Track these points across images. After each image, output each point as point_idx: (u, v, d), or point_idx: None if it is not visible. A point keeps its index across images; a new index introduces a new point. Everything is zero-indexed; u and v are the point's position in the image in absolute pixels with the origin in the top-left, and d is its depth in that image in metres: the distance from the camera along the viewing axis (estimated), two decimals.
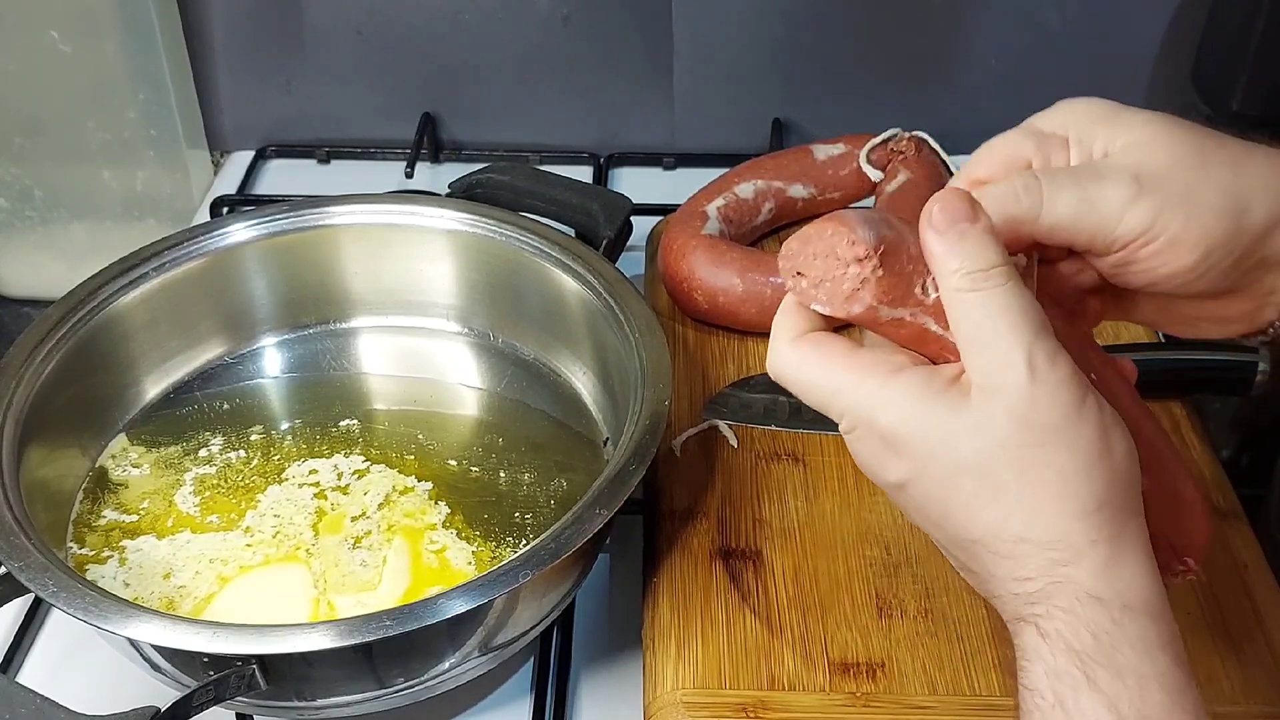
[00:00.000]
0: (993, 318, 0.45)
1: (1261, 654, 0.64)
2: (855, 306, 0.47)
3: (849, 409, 0.48)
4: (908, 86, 1.06)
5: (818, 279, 0.48)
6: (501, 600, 0.58)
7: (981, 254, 0.45)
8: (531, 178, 0.86)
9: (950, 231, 0.46)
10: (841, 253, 0.47)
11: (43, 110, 1.00)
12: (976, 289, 0.45)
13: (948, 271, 0.46)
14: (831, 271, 0.47)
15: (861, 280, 0.46)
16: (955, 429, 0.45)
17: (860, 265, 0.46)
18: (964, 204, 0.46)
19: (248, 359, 0.82)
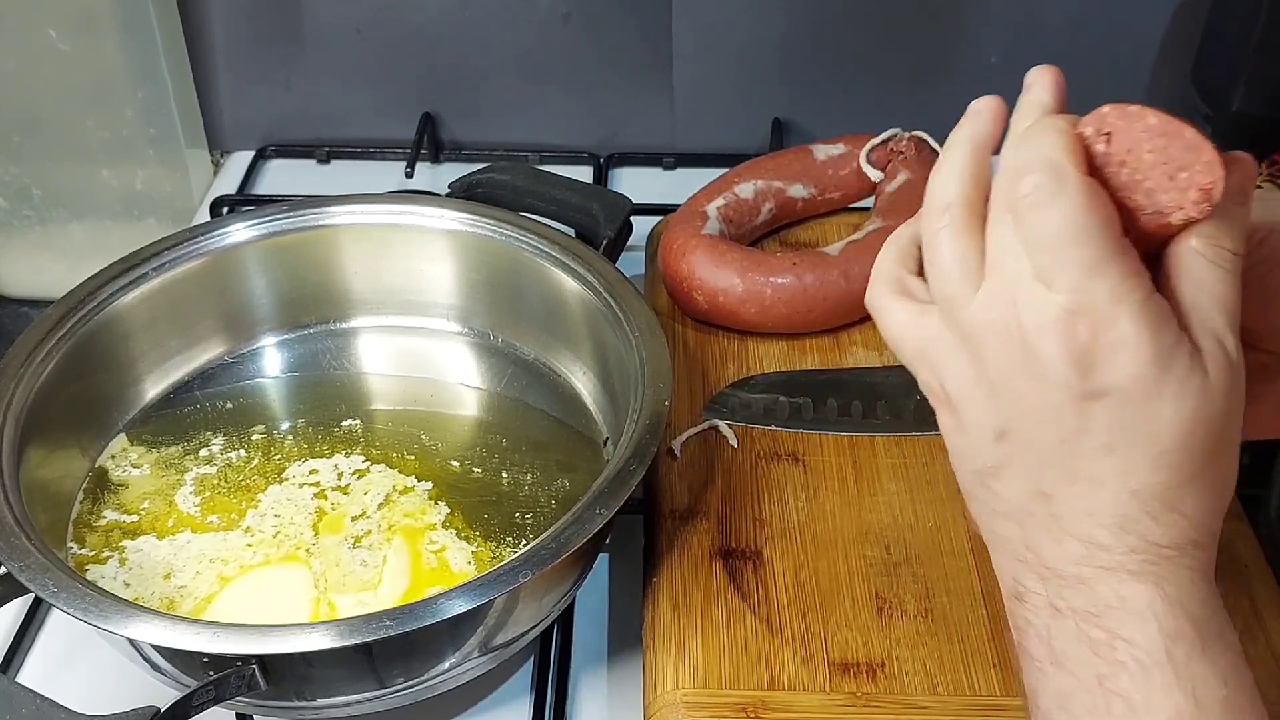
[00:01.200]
0: (1214, 296, 0.44)
1: (1262, 654, 0.64)
2: (1155, 231, 0.44)
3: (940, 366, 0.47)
4: (908, 86, 1.06)
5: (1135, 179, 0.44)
6: (501, 600, 0.58)
7: (1237, 235, 0.44)
8: (531, 178, 0.86)
9: (1229, 201, 0.44)
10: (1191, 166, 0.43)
11: (41, 109, 1.00)
12: (1217, 264, 0.44)
13: (1202, 234, 0.44)
14: (1156, 180, 0.44)
15: (1183, 208, 0.43)
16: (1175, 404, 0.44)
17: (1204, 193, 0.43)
18: (1248, 176, 0.45)
19: (248, 359, 0.82)
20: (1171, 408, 0.43)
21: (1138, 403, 0.44)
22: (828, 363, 0.83)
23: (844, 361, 0.83)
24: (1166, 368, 0.43)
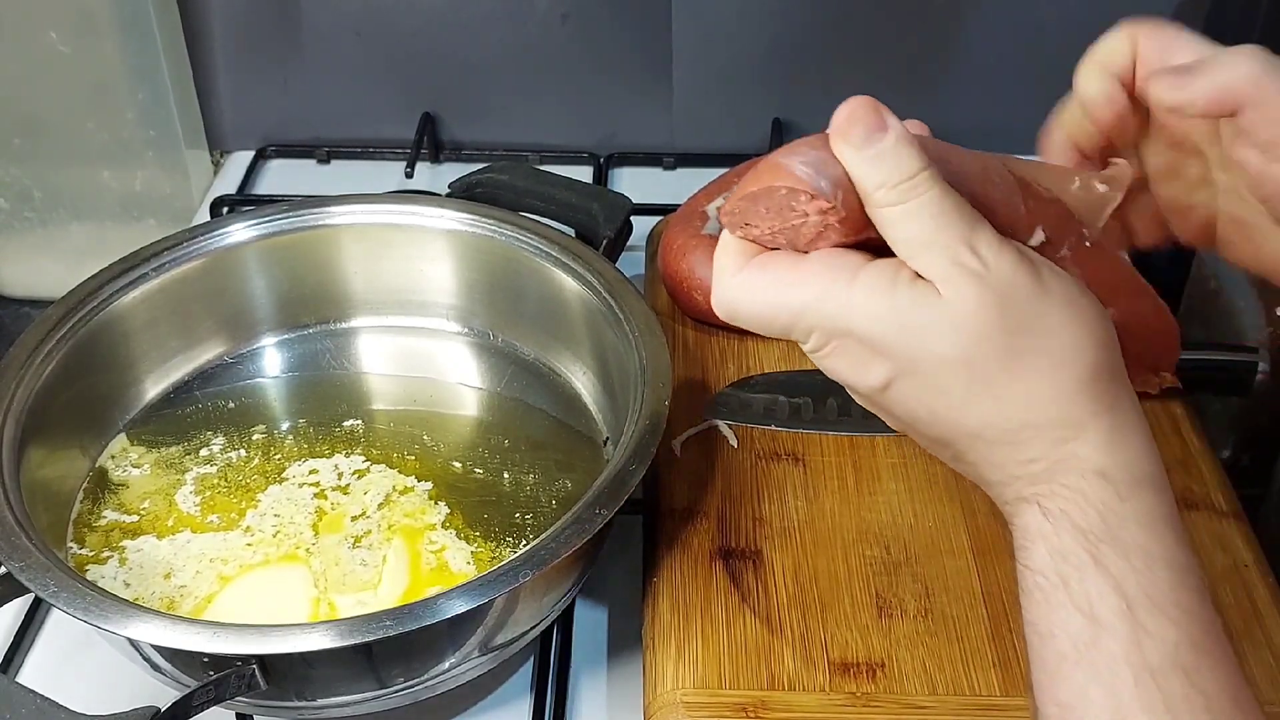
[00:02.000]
0: (928, 224, 0.44)
1: (1262, 654, 0.64)
2: (821, 244, 0.46)
3: (818, 324, 0.46)
4: (908, 86, 1.06)
5: (772, 229, 0.46)
6: (501, 600, 0.58)
7: (902, 165, 0.44)
8: (531, 178, 0.86)
9: (866, 148, 0.44)
10: (800, 205, 0.45)
11: (42, 111, 1.00)
12: (904, 201, 0.44)
13: (869, 189, 0.44)
14: (789, 221, 0.46)
15: (824, 225, 0.45)
16: (932, 326, 0.44)
17: (824, 215, 0.45)
18: (873, 113, 0.45)
19: (248, 359, 0.82)
20: (935, 344, 0.44)
21: (908, 365, 0.45)
22: None
23: None
24: (905, 327, 0.44)
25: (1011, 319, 0.44)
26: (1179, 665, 0.41)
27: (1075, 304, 0.45)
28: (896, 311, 0.45)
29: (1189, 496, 0.73)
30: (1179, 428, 0.77)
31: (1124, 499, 0.43)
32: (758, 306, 0.47)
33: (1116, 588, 0.42)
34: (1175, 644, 0.41)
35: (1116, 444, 0.44)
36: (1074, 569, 0.43)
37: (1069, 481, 0.44)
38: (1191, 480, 0.74)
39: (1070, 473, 0.44)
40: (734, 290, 0.47)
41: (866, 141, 0.44)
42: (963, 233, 0.44)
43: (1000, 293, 0.44)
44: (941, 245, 0.44)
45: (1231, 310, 0.86)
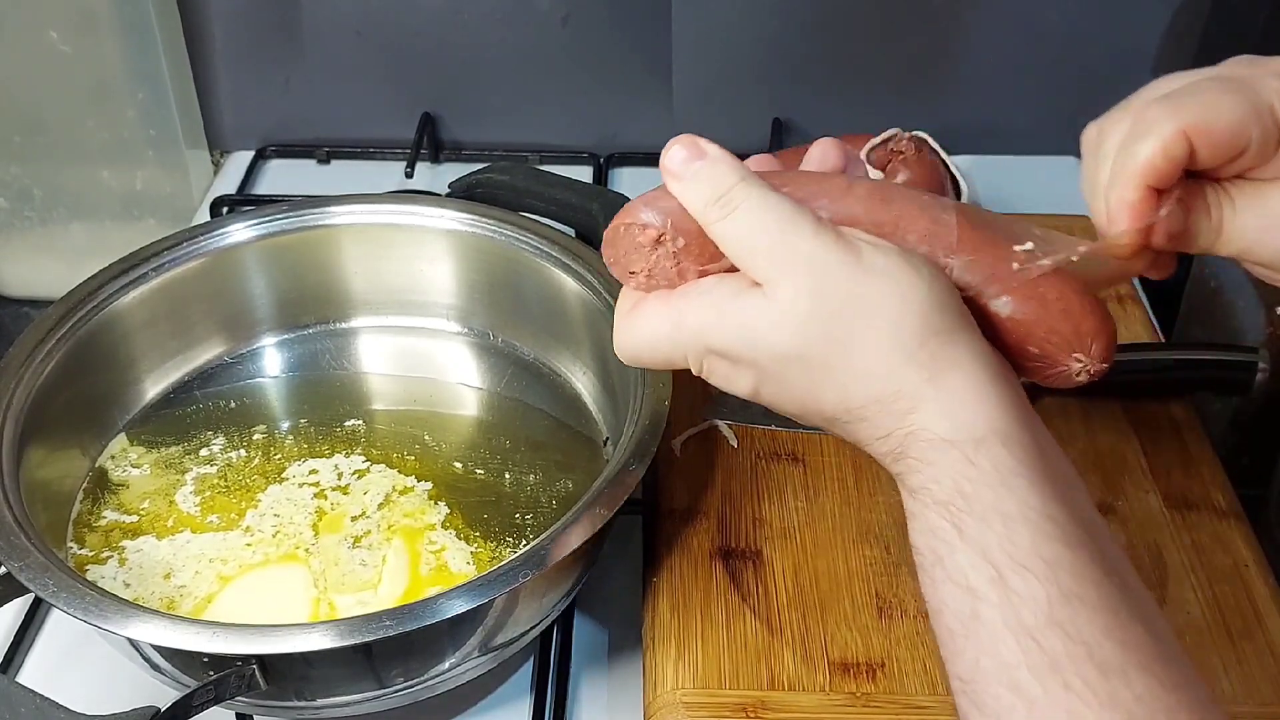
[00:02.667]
0: (750, 229, 0.47)
1: (1261, 654, 0.64)
2: (690, 277, 0.49)
3: (688, 347, 0.49)
4: (908, 86, 1.06)
5: (645, 271, 0.50)
6: (501, 600, 0.58)
7: (717, 180, 0.48)
8: (531, 178, 0.86)
9: (685, 174, 0.48)
10: (642, 240, 0.50)
11: (42, 110, 1.00)
12: (726, 214, 0.47)
13: (698, 210, 0.48)
14: (650, 260, 0.50)
15: (675, 254, 0.49)
16: (764, 327, 0.47)
17: (662, 244, 0.49)
18: (689, 147, 0.48)
19: (248, 359, 0.82)
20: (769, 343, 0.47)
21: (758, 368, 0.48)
22: None
23: None
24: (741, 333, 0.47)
25: (829, 303, 0.46)
26: (1054, 621, 0.41)
27: (894, 275, 0.46)
28: (735, 321, 0.47)
29: (1189, 496, 0.73)
30: (1179, 428, 0.77)
31: (972, 461, 0.44)
32: (640, 343, 0.51)
33: (983, 555, 0.42)
34: (1046, 600, 0.41)
35: (955, 407, 0.45)
36: (944, 543, 0.43)
37: (920, 454, 0.45)
38: (1191, 480, 0.74)
39: (919, 443, 0.45)
40: (622, 334, 0.51)
41: (685, 168, 0.48)
42: (782, 226, 0.46)
43: (815, 280, 0.46)
44: (763, 247, 0.47)
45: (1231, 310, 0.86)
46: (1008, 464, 0.44)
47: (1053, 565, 0.42)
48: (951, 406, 0.45)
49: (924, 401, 0.45)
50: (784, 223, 0.47)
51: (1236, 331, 0.86)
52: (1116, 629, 0.41)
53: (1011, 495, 0.43)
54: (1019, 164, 1.07)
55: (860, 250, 0.46)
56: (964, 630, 0.43)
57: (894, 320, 0.45)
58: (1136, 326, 0.85)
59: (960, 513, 0.43)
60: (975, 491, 0.43)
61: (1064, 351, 0.48)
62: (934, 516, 0.44)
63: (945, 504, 0.44)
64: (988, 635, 0.42)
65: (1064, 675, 0.40)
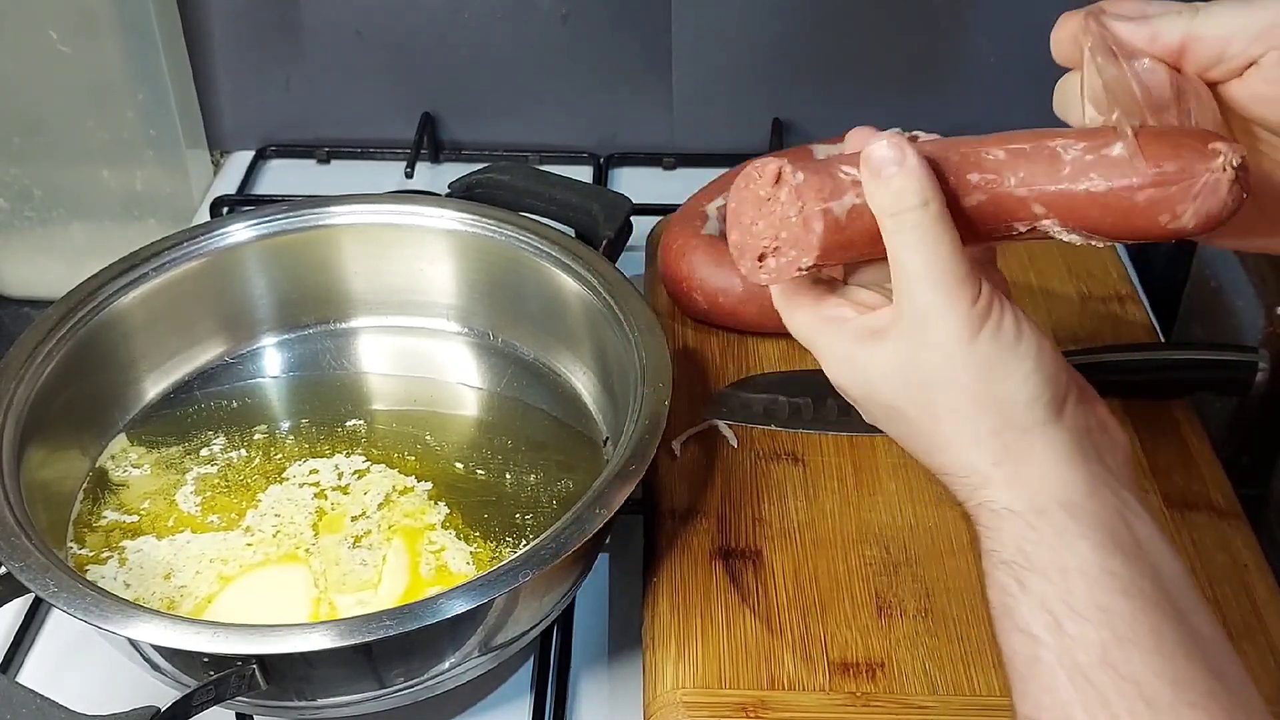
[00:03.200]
0: (902, 259, 0.48)
1: (1262, 654, 0.64)
2: (816, 226, 0.49)
3: (821, 358, 0.53)
4: (908, 86, 1.06)
5: (773, 243, 0.50)
6: (501, 600, 0.58)
7: (903, 197, 0.48)
8: (531, 178, 0.86)
9: (881, 175, 0.48)
10: (761, 184, 0.50)
11: (42, 110, 1.00)
12: (897, 230, 0.48)
13: (878, 212, 0.49)
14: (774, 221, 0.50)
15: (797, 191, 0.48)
16: (873, 375, 0.51)
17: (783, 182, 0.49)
18: (895, 149, 0.48)
19: (248, 359, 0.82)
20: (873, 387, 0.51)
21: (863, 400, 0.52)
22: None
23: None
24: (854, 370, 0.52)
25: (921, 372, 0.49)
26: (1106, 662, 0.44)
27: (993, 368, 0.48)
28: (850, 362, 0.51)
29: (1189, 496, 0.73)
30: (1179, 428, 0.77)
31: (1033, 526, 0.47)
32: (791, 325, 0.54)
33: (1043, 605, 0.46)
34: (1100, 644, 0.44)
35: (1019, 485, 0.48)
36: (1010, 597, 0.47)
37: (987, 521, 0.49)
38: (1191, 480, 0.74)
39: (986, 512, 0.49)
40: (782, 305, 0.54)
41: (883, 168, 0.48)
42: (926, 275, 0.48)
43: (919, 342, 0.49)
44: (902, 283, 0.49)
45: (1231, 310, 0.86)
46: (1070, 528, 0.47)
47: (1108, 613, 0.45)
48: (1015, 484, 0.48)
49: (989, 480, 0.49)
50: (930, 270, 0.48)
51: (1236, 331, 0.86)
52: (1170, 669, 0.44)
53: (1071, 554, 0.46)
54: None
55: (982, 327, 0.48)
56: (1028, 673, 0.46)
57: (973, 409, 0.48)
58: (1136, 326, 0.85)
59: (1022, 570, 0.47)
60: (1035, 551, 0.47)
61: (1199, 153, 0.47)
62: (1001, 575, 0.47)
63: (1010, 563, 0.47)
64: (1046, 675, 0.45)
65: (1113, 710, 0.43)
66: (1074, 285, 0.88)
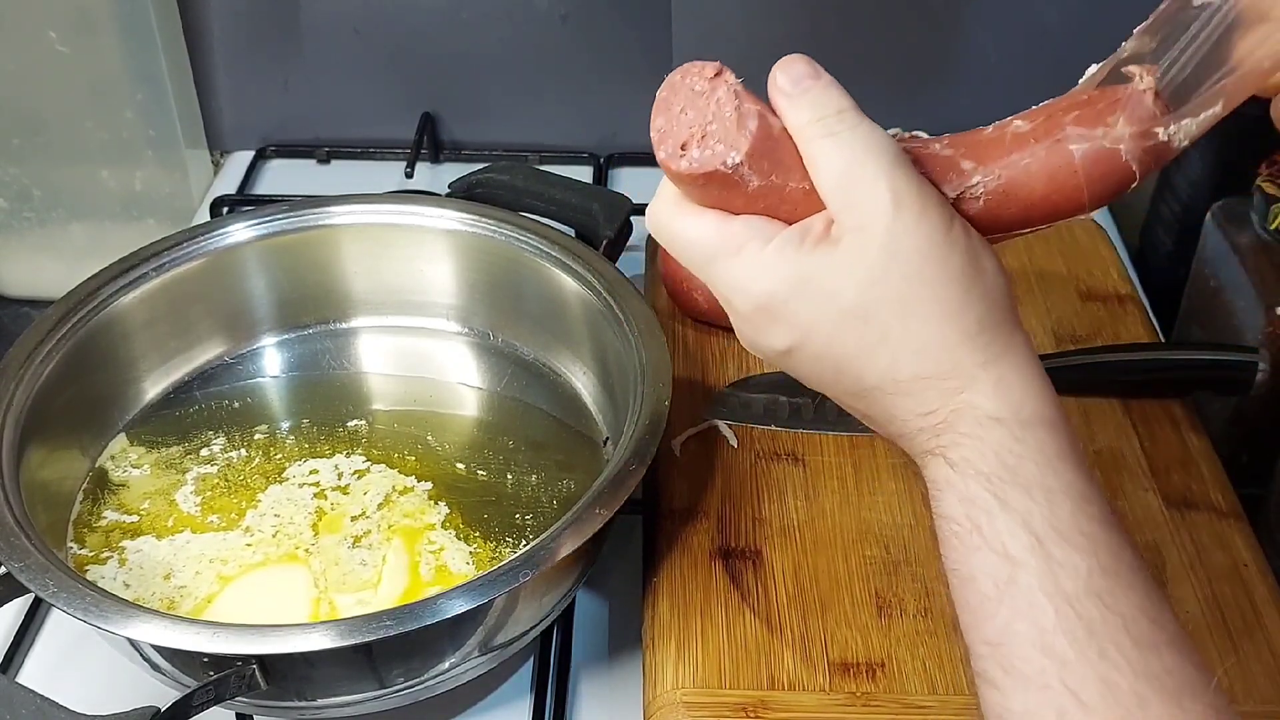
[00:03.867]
0: (849, 158, 0.46)
1: (1262, 654, 0.64)
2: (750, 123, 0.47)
3: (723, 280, 0.49)
4: (908, 85, 1.06)
5: (700, 130, 0.47)
6: (501, 600, 0.58)
7: (829, 100, 0.47)
8: (531, 178, 0.86)
9: (795, 91, 0.47)
10: (699, 82, 0.48)
11: (41, 110, 1.00)
12: (830, 133, 0.46)
13: (800, 125, 0.47)
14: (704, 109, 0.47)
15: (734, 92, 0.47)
16: (831, 279, 0.46)
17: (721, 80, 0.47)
18: (805, 64, 0.47)
19: (248, 359, 0.82)
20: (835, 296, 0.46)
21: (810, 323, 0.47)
22: None
23: None
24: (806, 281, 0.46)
25: (904, 264, 0.45)
26: (1092, 591, 0.42)
27: (976, 255, 0.46)
28: (800, 278, 0.46)
29: (1189, 496, 0.73)
30: (1179, 428, 0.77)
31: (1018, 439, 0.45)
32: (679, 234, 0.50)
33: (1024, 524, 0.43)
34: (1086, 571, 0.42)
35: (1004, 390, 0.46)
36: (983, 512, 0.44)
37: (966, 429, 0.45)
38: (1191, 480, 0.74)
39: (966, 420, 0.46)
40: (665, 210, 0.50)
41: (796, 85, 0.47)
42: (885, 167, 0.45)
43: (896, 234, 0.45)
44: (863, 175, 0.45)
45: (1231, 310, 0.86)
46: (1052, 445, 0.45)
47: (1094, 540, 0.43)
48: (1002, 389, 0.46)
49: (977, 382, 0.46)
50: (883, 161, 0.45)
51: (1236, 331, 0.86)
52: (1150, 608, 0.42)
53: (1055, 474, 0.44)
54: None
55: (953, 222, 0.46)
56: (998, 595, 0.43)
57: (962, 300, 0.46)
58: (1136, 326, 0.85)
59: (1003, 483, 0.44)
60: (1020, 465, 0.44)
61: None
62: (975, 486, 0.44)
63: (988, 475, 0.44)
64: (1024, 600, 0.43)
65: (1099, 642, 0.41)
66: (1074, 285, 0.88)
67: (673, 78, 0.49)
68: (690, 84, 0.48)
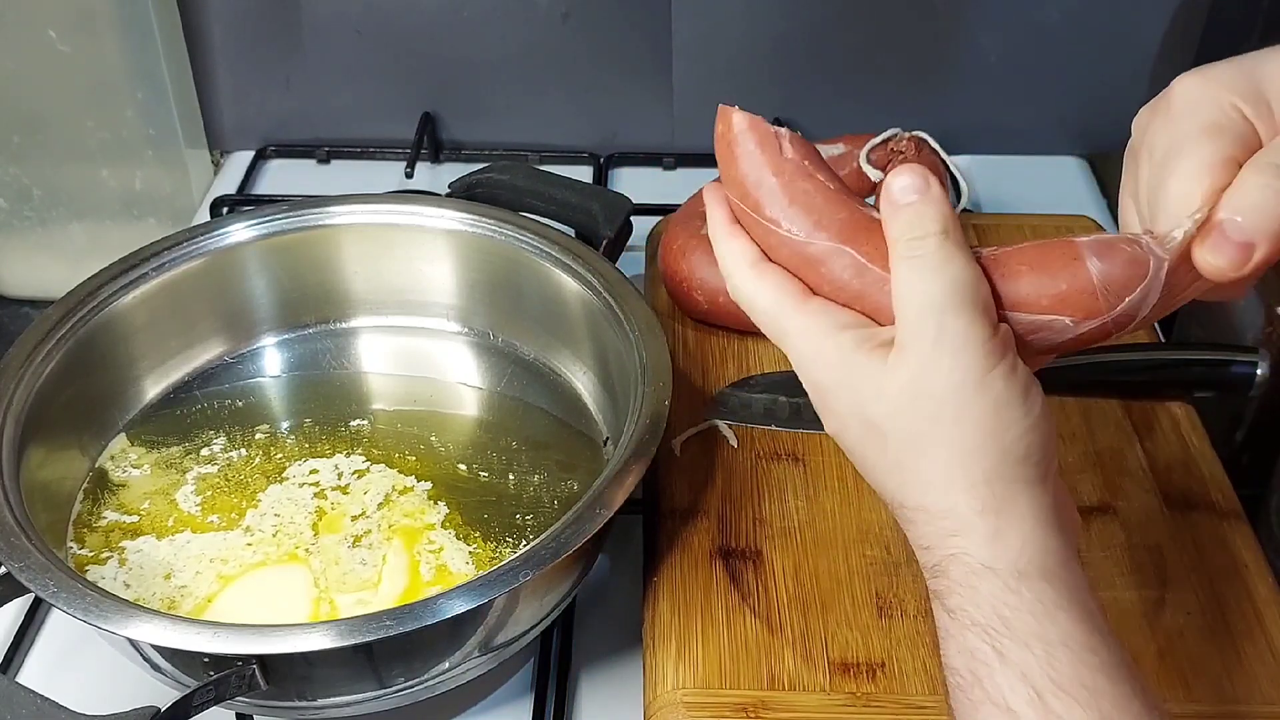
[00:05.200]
0: (916, 283, 0.46)
1: (1262, 654, 0.64)
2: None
3: (793, 353, 0.50)
4: (908, 86, 1.06)
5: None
6: (501, 600, 0.58)
7: (920, 222, 0.46)
8: (531, 178, 0.86)
9: (900, 203, 0.47)
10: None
11: (41, 109, 1.00)
12: (913, 255, 0.46)
13: (892, 239, 0.47)
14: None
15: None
16: (867, 391, 0.47)
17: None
18: (916, 178, 0.47)
19: (248, 359, 0.82)
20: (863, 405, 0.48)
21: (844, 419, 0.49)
22: None
23: None
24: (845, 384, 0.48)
25: (929, 405, 0.46)
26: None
27: (1002, 405, 0.46)
28: (847, 377, 0.48)
29: (1189, 496, 0.73)
30: (1179, 428, 0.77)
31: (1013, 591, 0.44)
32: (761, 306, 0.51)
33: (1023, 678, 0.43)
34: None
35: (1000, 541, 0.45)
36: (983, 664, 0.44)
37: (959, 577, 0.46)
38: (1191, 480, 0.74)
39: (959, 568, 0.46)
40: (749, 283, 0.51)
41: (903, 196, 0.47)
42: (940, 301, 0.45)
43: (928, 372, 0.46)
44: (917, 303, 0.46)
45: (1231, 310, 0.86)
46: (1050, 597, 0.44)
47: (1095, 693, 0.43)
48: (998, 540, 0.45)
49: (970, 529, 0.46)
50: (949, 294, 0.45)
51: (1236, 331, 0.86)
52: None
53: (1053, 625, 0.44)
54: (1019, 164, 1.07)
55: (997, 363, 0.45)
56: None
57: (976, 449, 0.46)
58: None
59: (1000, 636, 0.44)
60: (1015, 617, 0.44)
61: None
62: (972, 638, 0.44)
63: (984, 627, 0.44)
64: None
65: None
66: None
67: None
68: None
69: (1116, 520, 0.71)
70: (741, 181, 0.50)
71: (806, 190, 0.49)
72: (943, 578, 0.46)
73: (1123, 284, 0.46)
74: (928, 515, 0.47)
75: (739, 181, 0.50)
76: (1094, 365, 0.79)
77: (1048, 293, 0.46)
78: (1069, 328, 0.46)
